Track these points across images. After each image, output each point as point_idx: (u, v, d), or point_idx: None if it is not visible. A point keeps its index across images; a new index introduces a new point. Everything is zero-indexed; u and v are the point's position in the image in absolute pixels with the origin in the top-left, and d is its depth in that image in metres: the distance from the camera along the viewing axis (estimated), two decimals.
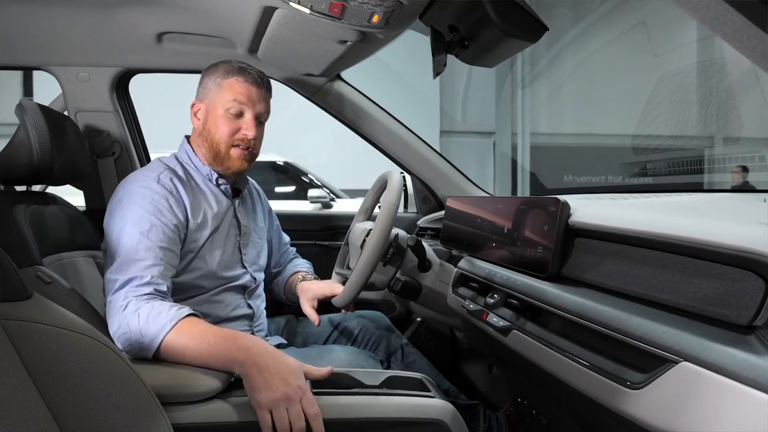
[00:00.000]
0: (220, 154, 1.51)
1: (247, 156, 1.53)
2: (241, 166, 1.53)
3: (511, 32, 1.17)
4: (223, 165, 1.53)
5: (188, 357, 1.16)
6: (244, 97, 1.49)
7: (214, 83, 1.51)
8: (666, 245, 0.84)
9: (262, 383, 1.08)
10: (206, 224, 1.48)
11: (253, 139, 1.52)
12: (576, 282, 1.05)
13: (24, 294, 0.82)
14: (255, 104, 1.51)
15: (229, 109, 1.49)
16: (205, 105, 1.52)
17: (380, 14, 1.31)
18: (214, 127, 1.50)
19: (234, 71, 1.51)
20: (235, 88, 1.49)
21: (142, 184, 1.41)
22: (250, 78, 1.51)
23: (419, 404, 1.20)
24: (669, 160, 6.64)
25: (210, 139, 1.51)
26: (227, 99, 1.49)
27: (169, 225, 1.37)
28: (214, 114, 1.50)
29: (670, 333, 0.74)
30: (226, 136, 1.50)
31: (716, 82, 6.02)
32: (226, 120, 1.49)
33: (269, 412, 1.07)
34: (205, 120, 1.52)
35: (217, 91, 1.50)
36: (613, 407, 0.81)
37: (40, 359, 0.78)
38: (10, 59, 1.87)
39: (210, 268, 1.48)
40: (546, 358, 1.01)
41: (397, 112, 2.19)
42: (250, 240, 1.63)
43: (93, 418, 0.82)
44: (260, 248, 1.69)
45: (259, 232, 1.70)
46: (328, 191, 5.28)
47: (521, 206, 1.24)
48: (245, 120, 1.51)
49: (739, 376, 0.63)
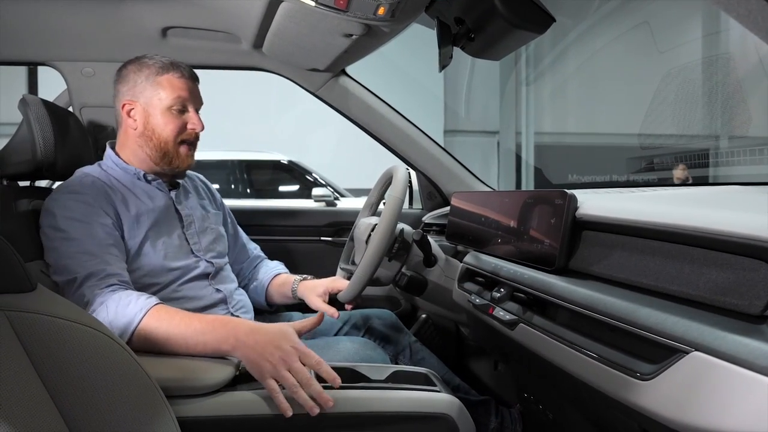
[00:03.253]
0: (169, 153, 1.50)
1: (192, 152, 1.55)
2: (189, 162, 1.54)
3: (518, 23, 1.17)
4: (171, 164, 1.51)
5: (171, 345, 1.17)
6: (186, 93, 1.49)
7: (147, 81, 1.48)
8: (675, 236, 0.83)
9: (258, 357, 1.10)
10: (141, 220, 1.44)
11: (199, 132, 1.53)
12: (583, 275, 1.04)
13: (28, 285, 0.82)
14: (195, 98, 1.52)
15: (172, 106, 1.47)
16: (141, 104, 1.49)
17: (386, 6, 1.30)
18: (160, 126, 1.48)
19: (167, 67, 1.49)
20: (175, 84, 1.48)
21: (69, 189, 1.40)
22: (186, 72, 1.51)
23: (425, 398, 1.20)
24: (675, 154, 6.62)
25: (156, 138, 1.49)
26: (169, 96, 1.47)
27: (106, 224, 1.36)
28: (155, 113, 1.48)
29: (681, 323, 0.73)
30: (174, 134, 1.49)
31: (723, 76, 6.00)
32: (171, 117, 1.48)
33: (274, 380, 1.09)
34: (145, 120, 1.49)
35: (154, 89, 1.48)
36: (623, 399, 0.80)
37: (44, 350, 0.78)
38: (14, 55, 1.87)
39: (156, 262, 1.44)
40: (553, 351, 1.00)
41: (401, 110, 2.18)
42: (200, 228, 1.59)
43: (97, 410, 0.81)
44: (216, 235, 1.65)
45: (211, 219, 1.67)
46: (333, 190, 5.29)
47: (528, 200, 1.24)
48: (190, 115, 1.51)
49: (753, 365, 0.62)
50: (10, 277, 0.79)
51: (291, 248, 2.30)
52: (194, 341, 1.16)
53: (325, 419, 1.12)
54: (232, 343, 1.14)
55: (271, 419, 1.11)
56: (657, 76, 6.42)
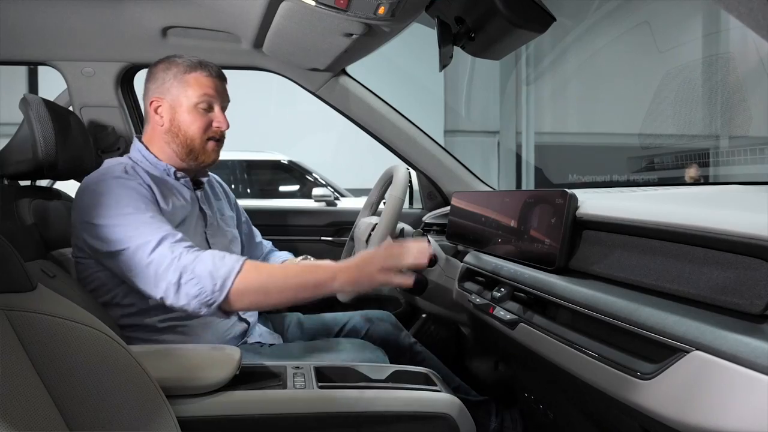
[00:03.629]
0: (195, 149, 1.51)
1: (218, 148, 1.56)
2: (214, 158, 1.56)
3: (518, 23, 1.17)
4: (197, 159, 1.53)
5: (270, 288, 1.24)
6: (213, 91, 1.51)
7: (175, 79, 1.50)
8: (676, 235, 0.83)
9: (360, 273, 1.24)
10: (173, 214, 1.45)
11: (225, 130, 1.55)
12: (584, 274, 1.04)
13: (28, 285, 0.82)
14: (222, 97, 1.53)
15: (198, 104, 1.49)
16: (168, 102, 1.50)
17: (386, 6, 1.30)
18: (186, 123, 1.50)
19: (195, 66, 1.51)
20: (202, 82, 1.50)
21: (110, 174, 1.39)
22: (213, 71, 1.52)
23: (425, 398, 1.20)
24: (676, 153, 6.60)
25: (182, 135, 1.50)
26: (196, 94, 1.49)
27: (152, 205, 1.37)
28: (181, 110, 1.49)
29: (681, 322, 0.73)
30: (200, 131, 1.50)
31: (723, 76, 5.99)
32: (197, 115, 1.50)
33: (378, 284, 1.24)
34: (172, 117, 1.50)
35: (181, 87, 1.49)
36: (623, 398, 0.80)
37: (44, 350, 0.78)
38: (15, 54, 1.87)
39: None
40: (554, 351, 1.00)
41: (402, 110, 2.18)
42: (218, 230, 1.61)
43: (97, 409, 0.81)
44: (231, 237, 1.67)
45: (227, 221, 1.69)
46: (333, 190, 5.28)
47: (528, 200, 1.23)
48: (215, 113, 1.52)
49: (754, 364, 0.62)
50: (10, 276, 0.79)
51: (291, 248, 2.29)
52: (294, 282, 1.24)
53: (326, 418, 1.12)
54: (331, 275, 1.24)
55: (271, 419, 1.11)
56: (657, 76, 6.41)
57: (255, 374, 1.22)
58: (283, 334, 1.74)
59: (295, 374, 1.23)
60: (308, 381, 1.20)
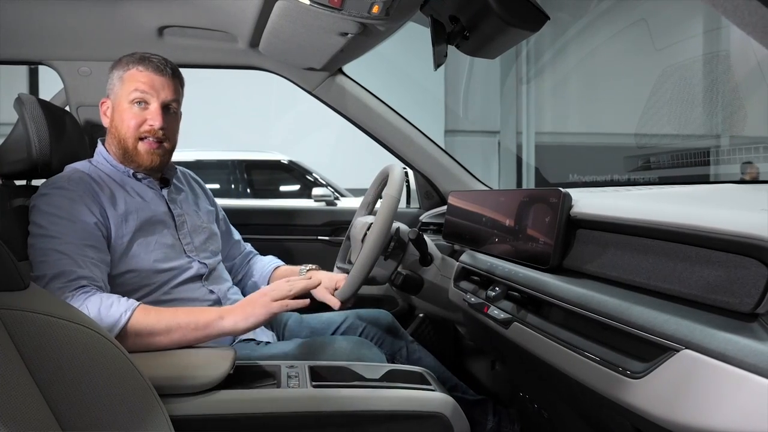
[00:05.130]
0: (129, 150, 1.46)
1: (157, 150, 1.47)
2: (151, 161, 1.47)
3: (512, 21, 1.17)
4: (133, 162, 1.47)
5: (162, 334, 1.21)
6: (146, 86, 1.44)
7: (117, 77, 1.47)
8: (667, 234, 0.83)
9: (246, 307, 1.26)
10: (129, 218, 1.41)
11: (161, 129, 1.45)
12: (577, 273, 1.04)
13: (21, 284, 0.82)
14: (159, 92, 1.45)
15: (132, 100, 1.43)
16: (111, 101, 1.48)
17: (380, 5, 1.30)
18: (120, 122, 1.45)
19: (134, 61, 1.46)
20: (136, 77, 1.44)
21: (55, 185, 1.38)
22: (151, 65, 1.46)
23: (419, 397, 1.20)
24: (672, 152, 6.58)
25: (117, 134, 1.46)
26: (129, 90, 1.44)
27: (89, 222, 1.33)
28: (119, 108, 1.46)
29: (672, 321, 0.73)
30: (132, 129, 1.44)
31: (720, 74, 5.99)
32: (130, 112, 1.44)
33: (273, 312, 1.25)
34: (112, 116, 1.48)
35: (120, 85, 1.46)
36: (615, 398, 0.80)
37: (36, 349, 0.78)
38: (11, 54, 1.87)
39: (147, 263, 1.41)
40: (546, 350, 1.00)
41: (401, 111, 2.18)
42: (192, 227, 1.57)
43: (90, 408, 0.81)
44: (209, 233, 1.63)
45: (204, 217, 1.64)
46: (333, 190, 5.28)
47: (523, 199, 1.24)
48: (150, 110, 1.44)
49: (742, 363, 0.62)
50: (3, 275, 0.79)
51: (288, 247, 2.30)
52: (185, 322, 1.21)
53: (319, 417, 1.12)
54: (220, 313, 1.25)
55: (265, 418, 1.11)
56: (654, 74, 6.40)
57: (249, 373, 1.22)
58: (280, 332, 1.74)
59: (290, 373, 1.23)
60: (302, 380, 1.20)
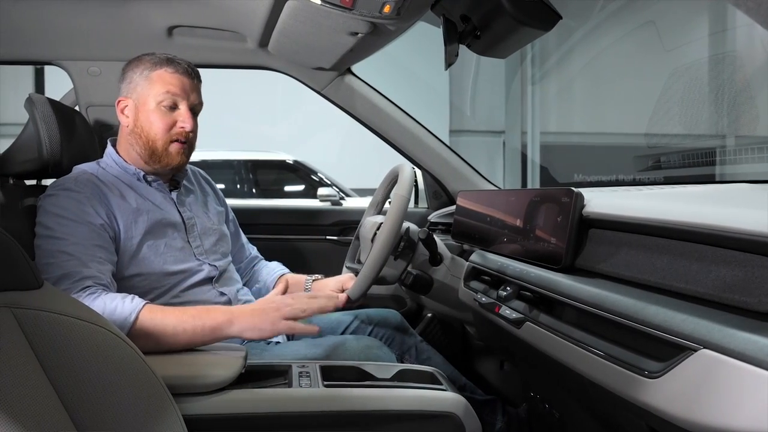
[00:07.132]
0: (158, 151, 1.45)
1: (185, 150, 1.48)
2: (180, 161, 1.48)
3: (524, 21, 1.16)
4: (161, 162, 1.46)
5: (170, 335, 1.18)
6: (177, 89, 1.43)
7: (141, 76, 1.45)
8: (683, 233, 0.83)
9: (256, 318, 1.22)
10: (139, 221, 1.41)
11: (190, 132, 1.46)
12: (590, 273, 1.04)
13: (35, 283, 0.82)
14: (188, 95, 1.46)
15: (161, 102, 1.42)
16: (134, 101, 1.46)
17: (392, 4, 1.30)
18: (148, 123, 1.44)
19: (162, 62, 1.45)
20: (166, 79, 1.43)
21: (63, 186, 1.37)
22: (180, 68, 1.45)
23: (431, 397, 1.20)
24: (682, 152, 6.56)
25: (145, 136, 1.45)
26: (159, 91, 1.42)
27: (95, 224, 1.33)
28: (145, 109, 1.44)
29: (689, 320, 0.72)
30: (162, 131, 1.44)
31: (730, 74, 5.96)
32: (159, 114, 1.43)
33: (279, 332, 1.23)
34: (135, 117, 1.46)
35: (146, 85, 1.44)
36: (630, 397, 0.80)
37: (50, 348, 0.78)
38: (21, 54, 1.88)
39: (156, 266, 1.41)
40: (560, 350, 0.99)
41: (407, 110, 2.18)
42: (202, 230, 1.56)
43: (103, 408, 0.82)
44: (219, 235, 1.62)
45: (214, 219, 1.63)
46: (338, 190, 5.29)
47: (534, 199, 1.23)
48: (180, 112, 1.45)
49: (762, 362, 0.61)
50: (17, 274, 0.79)
51: (296, 247, 2.31)
52: (192, 325, 1.19)
53: (331, 417, 1.12)
54: (228, 317, 1.21)
55: (277, 417, 1.11)
56: (663, 75, 6.39)
57: (260, 373, 1.22)
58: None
59: (301, 373, 1.23)
60: (314, 379, 1.20)
